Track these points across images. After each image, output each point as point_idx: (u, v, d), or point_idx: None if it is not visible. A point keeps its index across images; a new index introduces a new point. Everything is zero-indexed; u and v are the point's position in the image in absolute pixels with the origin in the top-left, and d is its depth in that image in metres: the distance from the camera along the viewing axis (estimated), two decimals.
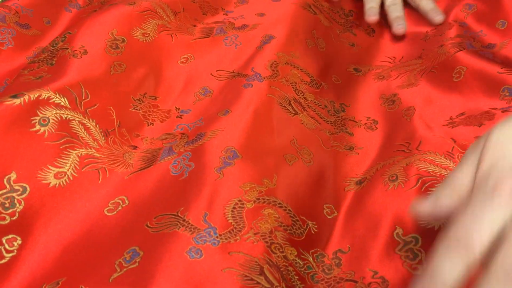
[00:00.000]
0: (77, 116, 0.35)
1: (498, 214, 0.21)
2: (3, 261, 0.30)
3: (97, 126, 0.36)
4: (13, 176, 0.31)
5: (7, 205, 0.30)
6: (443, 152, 0.34)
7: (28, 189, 0.31)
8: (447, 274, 0.21)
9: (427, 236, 0.30)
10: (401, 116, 0.40)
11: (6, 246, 0.30)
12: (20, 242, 0.30)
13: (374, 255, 0.30)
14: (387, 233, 0.31)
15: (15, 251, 0.30)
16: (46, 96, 0.35)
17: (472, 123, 0.36)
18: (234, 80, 0.41)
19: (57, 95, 0.35)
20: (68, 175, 0.33)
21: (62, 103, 0.35)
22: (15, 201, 0.31)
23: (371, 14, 0.49)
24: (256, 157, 0.34)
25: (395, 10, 0.50)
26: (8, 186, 0.31)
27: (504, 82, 0.39)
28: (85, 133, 0.35)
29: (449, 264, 0.21)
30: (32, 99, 0.34)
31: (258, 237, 0.29)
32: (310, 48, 0.45)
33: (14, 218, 0.31)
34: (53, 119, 0.34)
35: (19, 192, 0.31)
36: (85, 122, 0.35)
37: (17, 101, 0.33)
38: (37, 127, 0.33)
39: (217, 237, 0.28)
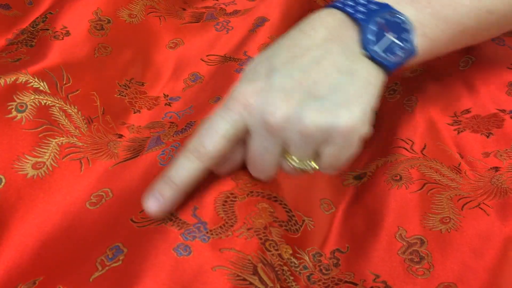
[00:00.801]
0: (57, 102, 0.33)
1: (225, 125, 0.26)
2: None
3: (79, 112, 0.33)
4: None
5: None
6: (450, 165, 0.32)
7: (4, 180, 0.29)
8: (182, 175, 0.27)
9: (434, 238, 0.28)
10: (402, 107, 0.38)
11: None
12: None
13: (375, 257, 0.28)
14: (389, 234, 0.29)
15: None
16: (23, 80, 0.32)
17: (480, 129, 0.34)
18: (225, 65, 0.39)
19: (36, 79, 0.33)
20: (47, 165, 0.31)
21: (41, 88, 0.32)
22: None
23: None
24: None
25: None
26: None
27: None
28: (66, 120, 0.33)
29: (184, 167, 0.27)
30: (8, 83, 0.31)
31: (252, 233, 0.27)
32: None
33: None
34: (31, 105, 0.32)
35: None
36: (66, 108, 0.33)
37: None
38: (14, 113, 0.31)
39: (207, 232, 0.26)
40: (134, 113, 0.37)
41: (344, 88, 0.26)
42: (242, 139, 0.28)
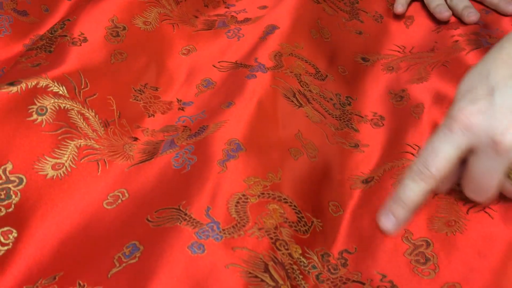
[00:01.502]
0: (75, 105, 0.34)
1: (451, 146, 0.27)
2: None
3: (97, 116, 0.35)
4: (9, 166, 0.30)
5: (2, 196, 0.29)
6: None
7: (25, 180, 0.30)
8: (412, 196, 0.28)
9: (440, 240, 0.29)
10: (410, 113, 0.39)
11: (1, 239, 0.29)
12: (16, 235, 0.29)
13: (382, 258, 0.29)
14: (396, 236, 0.30)
15: (11, 244, 0.29)
16: (44, 84, 0.33)
17: None
18: (237, 71, 0.40)
19: (55, 84, 0.34)
20: (66, 167, 0.32)
21: (60, 92, 0.34)
22: (11, 192, 0.30)
23: (443, 10, 0.47)
24: (261, 150, 0.33)
25: (461, 2, 0.48)
26: (3, 177, 0.30)
27: None
28: (84, 124, 0.34)
29: (411, 188, 0.28)
30: (29, 87, 0.33)
31: (263, 232, 0.28)
32: (315, 39, 0.44)
33: (10, 210, 0.29)
34: (51, 108, 0.33)
35: (15, 183, 0.30)
36: (84, 112, 0.34)
37: (14, 89, 0.32)
38: (34, 116, 0.32)
39: (220, 232, 0.27)
40: (149, 117, 0.38)
41: None
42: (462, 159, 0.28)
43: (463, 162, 0.29)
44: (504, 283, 0.26)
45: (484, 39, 0.43)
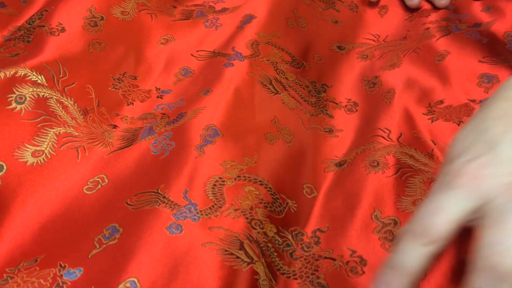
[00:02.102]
0: (54, 94, 0.35)
1: (456, 204, 0.24)
2: None
3: (75, 104, 0.35)
4: None
5: None
6: (423, 151, 0.35)
7: (5, 167, 0.31)
8: (410, 262, 0.24)
9: (406, 219, 0.30)
10: (382, 99, 0.40)
11: None
12: None
13: (353, 235, 0.30)
14: (366, 215, 0.31)
15: None
16: (22, 74, 0.34)
17: (452, 118, 0.37)
18: (214, 60, 0.41)
19: (34, 73, 0.34)
20: (46, 154, 0.33)
21: (39, 81, 0.34)
22: None
23: None
24: (237, 135, 0.34)
25: None
26: None
27: (485, 70, 0.39)
28: (63, 112, 0.34)
29: (411, 253, 0.24)
30: (8, 76, 0.33)
31: (239, 213, 0.29)
32: (292, 28, 0.45)
33: None
34: (30, 97, 0.33)
35: None
36: (63, 100, 0.35)
37: None
38: (14, 104, 0.33)
39: (197, 213, 0.28)
40: (128, 105, 0.39)
41: None
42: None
43: None
44: (466, 256, 0.28)
45: (454, 24, 0.45)
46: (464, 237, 0.25)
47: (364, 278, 0.28)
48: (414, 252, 0.24)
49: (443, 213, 0.24)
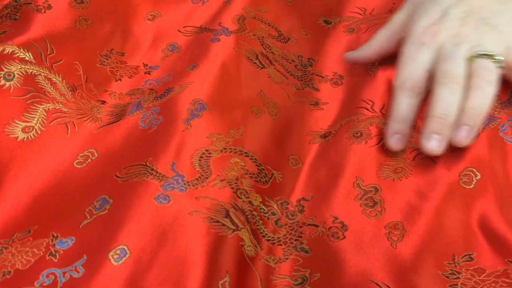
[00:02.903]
0: (42, 71, 0.35)
1: (425, 55, 0.33)
2: None
3: (64, 81, 0.36)
4: None
5: None
6: None
7: None
8: (406, 113, 0.33)
9: (387, 186, 0.31)
10: (366, 71, 0.41)
11: None
12: None
13: (335, 203, 0.32)
14: (348, 183, 0.32)
15: None
16: (10, 51, 0.34)
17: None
18: (201, 35, 0.41)
19: (22, 50, 0.35)
20: (36, 129, 0.33)
21: (27, 58, 0.35)
22: None
23: None
24: (224, 109, 0.34)
25: None
26: None
27: None
28: (52, 88, 0.35)
29: (405, 106, 0.33)
30: None
31: (225, 183, 0.30)
32: (278, 2, 0.45)
33: None
34: (18, 74, 0.34)
35: None
36: (51, 77, 0.35)
37: None
38: (2, 81, 0.33)
39: (184, 184, 0.29)
40: (116, 81, 0.39)
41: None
42: None
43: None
44: (444, 220, 0.29)
45: None
46: None
47: (345, 243, 0.29)
48: (407, 105, 0.33)
49: (418, 64, 0.33)
